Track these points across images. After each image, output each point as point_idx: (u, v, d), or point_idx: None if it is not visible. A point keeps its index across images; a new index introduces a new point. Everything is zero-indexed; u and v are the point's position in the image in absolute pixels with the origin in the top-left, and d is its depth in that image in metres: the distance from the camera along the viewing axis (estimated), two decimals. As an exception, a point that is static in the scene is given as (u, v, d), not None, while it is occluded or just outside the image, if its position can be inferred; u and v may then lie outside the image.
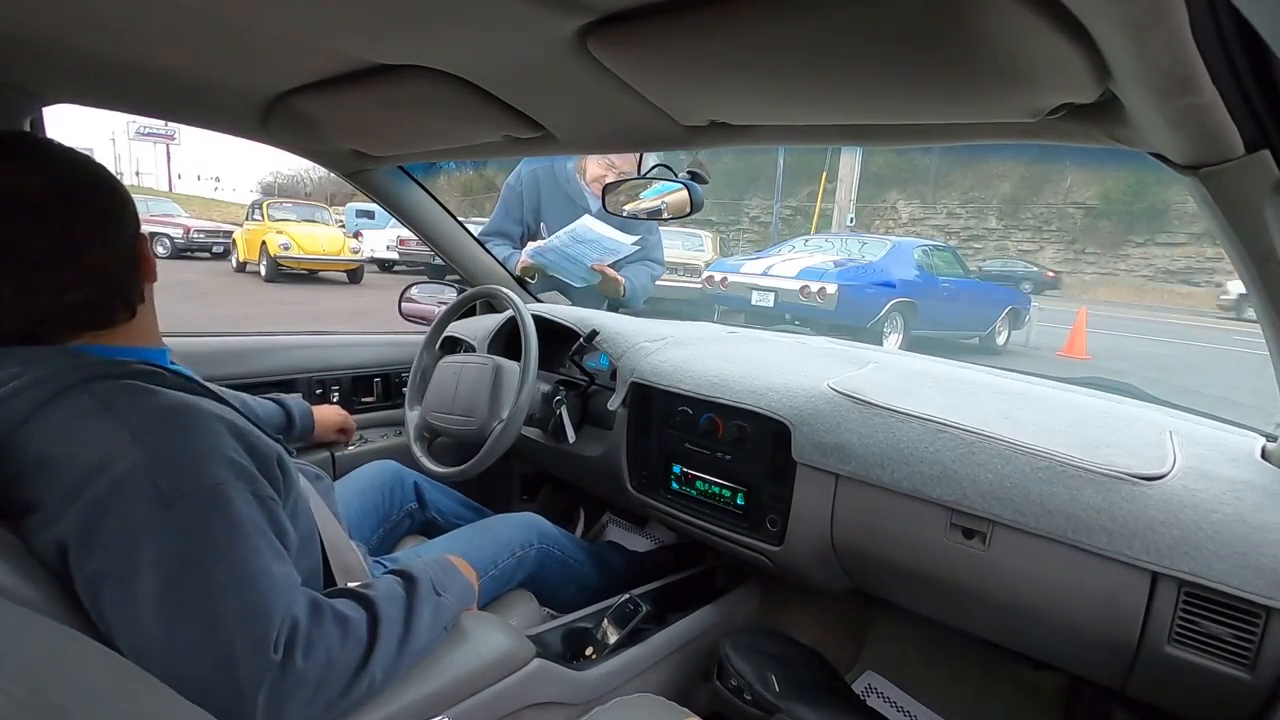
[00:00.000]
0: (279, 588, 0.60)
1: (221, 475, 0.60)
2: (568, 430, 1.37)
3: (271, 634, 0.57)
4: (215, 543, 0.57)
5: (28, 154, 0.64)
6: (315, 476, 0.90)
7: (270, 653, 0.57)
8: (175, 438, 0.60)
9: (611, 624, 1.06)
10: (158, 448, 0.59)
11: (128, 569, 0.55)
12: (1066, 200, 16.03)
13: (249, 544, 0.59)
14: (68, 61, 0.89)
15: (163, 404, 0.62)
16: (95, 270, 0.65)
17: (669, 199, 1.21)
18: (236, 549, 0.58)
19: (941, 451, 0.93)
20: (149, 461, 0.58)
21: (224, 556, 0.57)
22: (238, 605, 0.57)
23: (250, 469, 0.64)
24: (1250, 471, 0.82)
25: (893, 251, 7.79)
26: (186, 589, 0.56)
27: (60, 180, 0.64)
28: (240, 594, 0.57)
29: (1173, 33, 0.40)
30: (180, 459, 0.59)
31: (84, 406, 0.60)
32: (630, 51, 0.65)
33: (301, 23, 0.68)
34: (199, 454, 0.60)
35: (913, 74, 0.59)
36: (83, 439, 0.58)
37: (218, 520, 0.58)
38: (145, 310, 0.72)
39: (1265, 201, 0.53)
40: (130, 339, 0.69)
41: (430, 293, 1.89)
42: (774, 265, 7.51)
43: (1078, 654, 0.90)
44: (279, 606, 0.59)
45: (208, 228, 13.53)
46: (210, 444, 0.61)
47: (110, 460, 0.57)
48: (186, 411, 0.63)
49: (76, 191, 0.65)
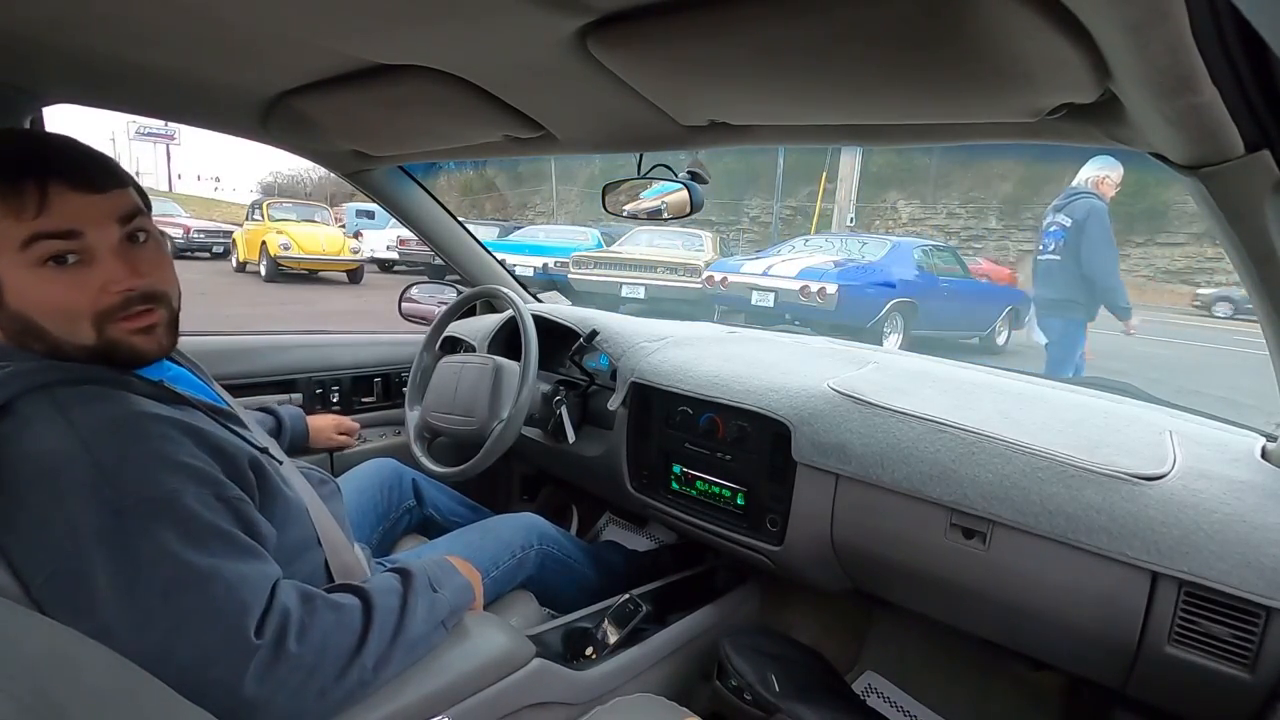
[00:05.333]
0: (248, 581, 0.59)
1: (174, 482, 0.59)
2: (568, 430, 1.37)
3: (249, 623, 0.57)
4: (170, 549, 0.56)
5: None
6: (320, 480, 0.90)
7: (250, 638, 0.56)
8: (127, 446, 0.59)
9: (611, 624, 1.06)
10: (107, 456, 0.58)
11: (80, 579, 0.55)
12: (1066, 200, 16.06)
13: (207, 547, 0.59)
14: (68, 61, 0.89)
15: (119, 412, 0.61)
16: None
17: (669, 199, 1.21)
18: (194, 552, 0.57)
19: (941, 451, 0.93)
20: (97, 470, 0.57)
21: (180, 561, 0.56)
22: (200, 605, 0.56)
23: (212, 473, 0.63)
24: (1250, 471, 0.82)
25: (893, 251, 7.78)
26: (145, 596, 0.55)
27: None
28: (201, 594, 0.57)
29: (1173, 33, 0.40)
30: (130, 467, 0.58)
31: (42, 411, 0.59)
32: (630, 51, 0.65)
33: (301, 23, 0.68)
34: (151, 462, 0.59)
35: (913, 74, 0.59)
36: (36, 444, 0.58)
37: (170, 527, 0.57)
38: None
39: (1265, 201, 0.53)
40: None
41: (430, 293, 1.89)
42: (774, 265, 7.50)
43: (1078, 654, 0.90)
44: (253, 597, 0.59)
45: (208, 228, 13.51)
46: (163, 451, 0.60)
47: (59, 468, 0.57)
48: (142, 419, 0.62)
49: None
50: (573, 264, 8.79)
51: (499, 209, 21.08)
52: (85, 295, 0.62)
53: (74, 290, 0.62)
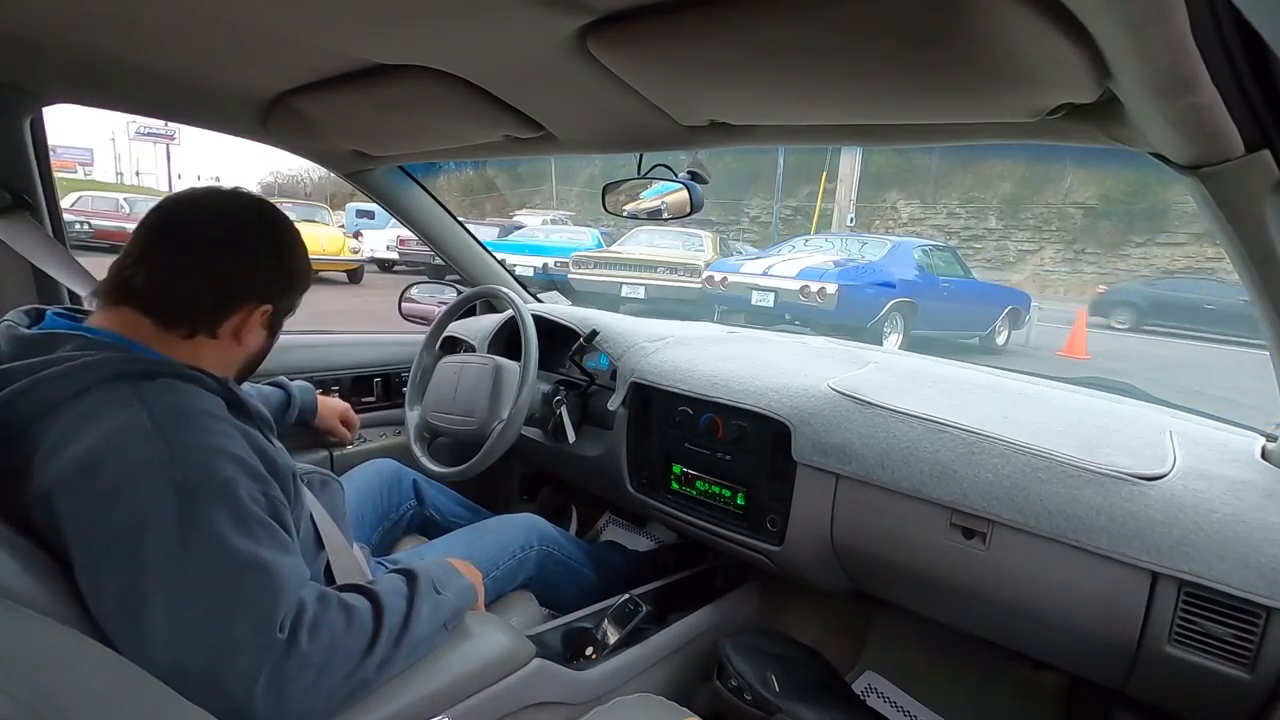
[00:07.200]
0: (285, 574, 0.61)
1: (232, 471, 0.63)
2: (568, 430, 1.37)
3: (277, 617, 0.59)
4: (221, 532, 0.59)
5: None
6: (323, 482, 0.91)
7: (275, 633, 0.58)
8: (193, 434, 0.63)
9: (611, 624, 1.06)
10: (176, 440, 0.61)
11: (133, 554, 0.57)
12: (1066, 200, 16.01)
13: (254, 535, 0.61)
14: (68, 61, 0.89)
15: (188, 404, 0.65)
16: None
17: (669, 199, 1.21)
18: (242, 539, 0.60)
19: (941, 451, 0.93)
20: (167, 452, 0.60)
21: (228, 545, 0.59)
22: (240, 591, 0.58)
23: (264, 473, 0.66)
24: (1250, 471, 0.82)
25: (893, 251, 7.78)
26: (191, 574, 0.57)
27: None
28: (243, 580, 0.59)
29: (1173, 33, 0.40)
30: (196, 453, 0.62)
31: (118, 395, 0.62)
32: (630, 51, 0.65)
33: (301, 23, 0.68)
34: (214, 450, 0.63)
35: (913, 74, 0.59)
36: (108, 423, 0.60)
37: (225, 511, 0.60)
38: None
39: (1265, 201, 0.53)
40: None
41: (430, 293, 1.89)
42: (774, 265, 7.50)
43: (1078, 654, 0.90)
44: (286, 592, 0.60)
45: (208, 228, 13.49)
46: (225, 444, 0.64)
47: (129, 446, 0.59)
48: (210, 414, 0.65)
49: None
50: (573, 264, 8.79)
51: (499, 209, 21.08)
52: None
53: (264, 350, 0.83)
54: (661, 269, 8.28)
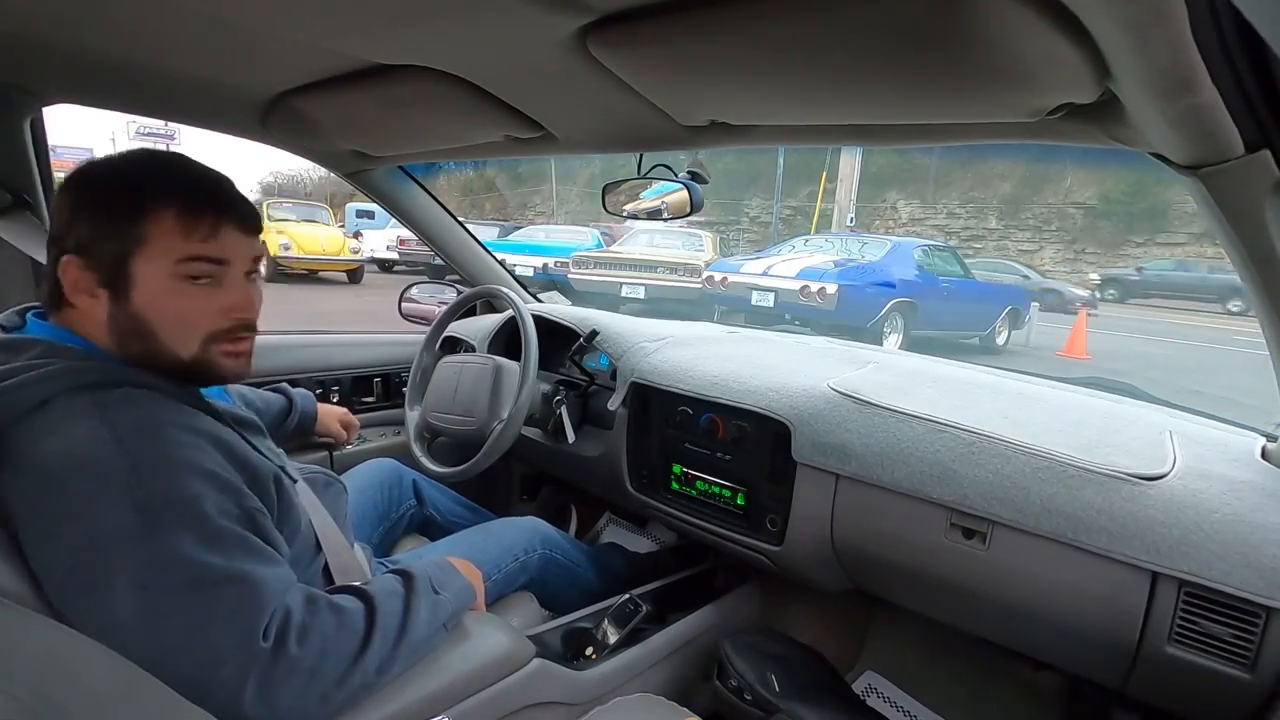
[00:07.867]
0: (264, 582, 0.60)
1: (197, 487, 0.61)
2: (568, 430, 1.37)
3: (259, 625, 0.58)
4: (185, 550, 0.57)
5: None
6: (326, 482, 0.91)
7: (259, 641, 0.57)
8: (158, 449, 0.61)
9: (611, 624, 1.06)
10: (140, 456, 0.59)
11: (98, 574, 0.56)
12: (1066, 200, 16.01)
13: (224, 549, 0.60)
14: (68, 61, 0.89)
15: (152, 417, 0.63)
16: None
17: (669, 199, 1.21)
18: (211, 554, 0.58)
19: (941, 451, 0.93)
20: (130, 468, 0.58)
21: (197, 562, 0.57)
22: (217, 605, 0.57)
23: (235, 482, 0.65)
24: (1250, 471, 0.82)
25: (893, 251, 7.78)
26: (163, 594, 0.56)
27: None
28: (219, 594, 0.58)
29: (1173, 33, 0.40)
30: (159, 469, 0.60)
31: (80, 409, 0.60)
32: (630, 51, 0.65)
33: (301, 23, 0.68)
34: (178, 466, 0.61)
35: (913, 74, 0.59)
36: (71, 440, 0.59)
37: (189, 528, 0.59)
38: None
39: (1265, 201, 0.53)
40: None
41: (430, 293, 1.89)
42: (774, 265, 7.50)
43: (1078, 654, 0.90)
44: (267, 600, 0.59)
45: (208, 228, 13.49)
46: (191, 458, 0.62)
47: (93, 464, 0.58)
48: (174, 426, 0.63)
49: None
50: (573, 264, 8.79)
51: (499, 209, 21.08)
52: (208, 314, 0.69)
53: (202, 307, 0.69)
54: (661, 269, 8.28)
